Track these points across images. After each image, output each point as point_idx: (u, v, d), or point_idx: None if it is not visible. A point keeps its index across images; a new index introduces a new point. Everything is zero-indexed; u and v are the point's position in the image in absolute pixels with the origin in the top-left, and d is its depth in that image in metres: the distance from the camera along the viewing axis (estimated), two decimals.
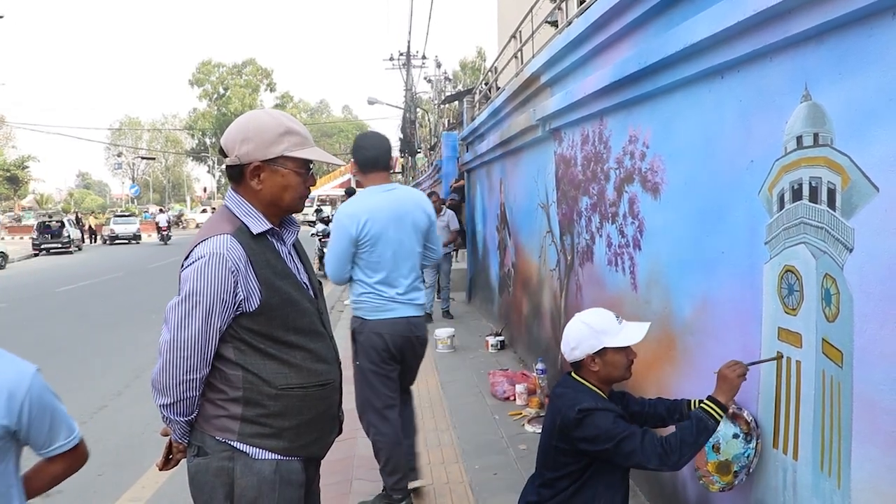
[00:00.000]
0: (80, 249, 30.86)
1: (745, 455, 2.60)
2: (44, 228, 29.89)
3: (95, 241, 38.37)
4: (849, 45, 2.06)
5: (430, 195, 13.87)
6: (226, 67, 70.12)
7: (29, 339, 9.69)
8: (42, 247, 29.31)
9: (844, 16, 2.01)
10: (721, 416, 2.37)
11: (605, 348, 2.48)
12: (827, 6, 2.06)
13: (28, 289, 16.44)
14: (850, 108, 2.07)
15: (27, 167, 51.43)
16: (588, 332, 2.49)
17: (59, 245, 29.47)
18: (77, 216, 41.13)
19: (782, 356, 2.45)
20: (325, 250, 15.14)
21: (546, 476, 2.55)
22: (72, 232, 30.05)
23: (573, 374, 2.59)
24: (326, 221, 15.58)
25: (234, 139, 1.97)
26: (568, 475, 2.48)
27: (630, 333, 2.50)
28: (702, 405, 2.40)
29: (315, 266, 18.65)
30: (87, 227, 39.01)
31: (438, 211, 8.78)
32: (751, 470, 2.61)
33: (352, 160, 3.77)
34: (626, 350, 2.50)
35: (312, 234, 15.50)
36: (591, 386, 2.53)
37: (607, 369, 2.51)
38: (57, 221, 30.67)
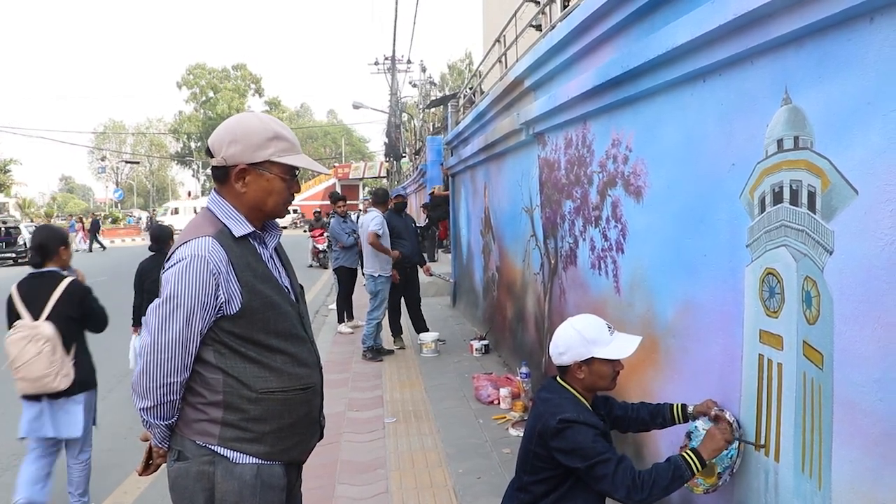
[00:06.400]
0: None
1: (729, 456, 2.61)
2: None
3: None
4: (828, 48, 2.08)
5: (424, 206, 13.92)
6: (216, 73, 69.61)
7: None
8: None
9: (824, 20, 2.03)
10: (698, 471, 2.40)
11: (593, 358, 2.47)
12: (806, 10, 2.08)
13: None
14: (830, 111, 2.09)
15: (9, 171, 50.62)
16: (578, 339, 2.49)
17: (14, 255, 25.03)
18: (80, 219, 38.07)
19: (763, 446, 2.49)
20: (318, 246, 16.80)
21: (524, 480, 2.54)
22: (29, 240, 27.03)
23: (558, 378, 2.58)
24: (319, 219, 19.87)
25: (222, 140, 1.96)
26: (544, 481, 2.47)
27: (620, 346, 2.50)
28: (684, 454, 2.42)
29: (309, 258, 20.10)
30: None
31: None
32: (734, 470, 2.62)
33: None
34: (613, 362, 2.50)
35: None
36: (574, 392, 2.52)
37: (592, 378, 2.50)
38: (13, 227, 26.40)
